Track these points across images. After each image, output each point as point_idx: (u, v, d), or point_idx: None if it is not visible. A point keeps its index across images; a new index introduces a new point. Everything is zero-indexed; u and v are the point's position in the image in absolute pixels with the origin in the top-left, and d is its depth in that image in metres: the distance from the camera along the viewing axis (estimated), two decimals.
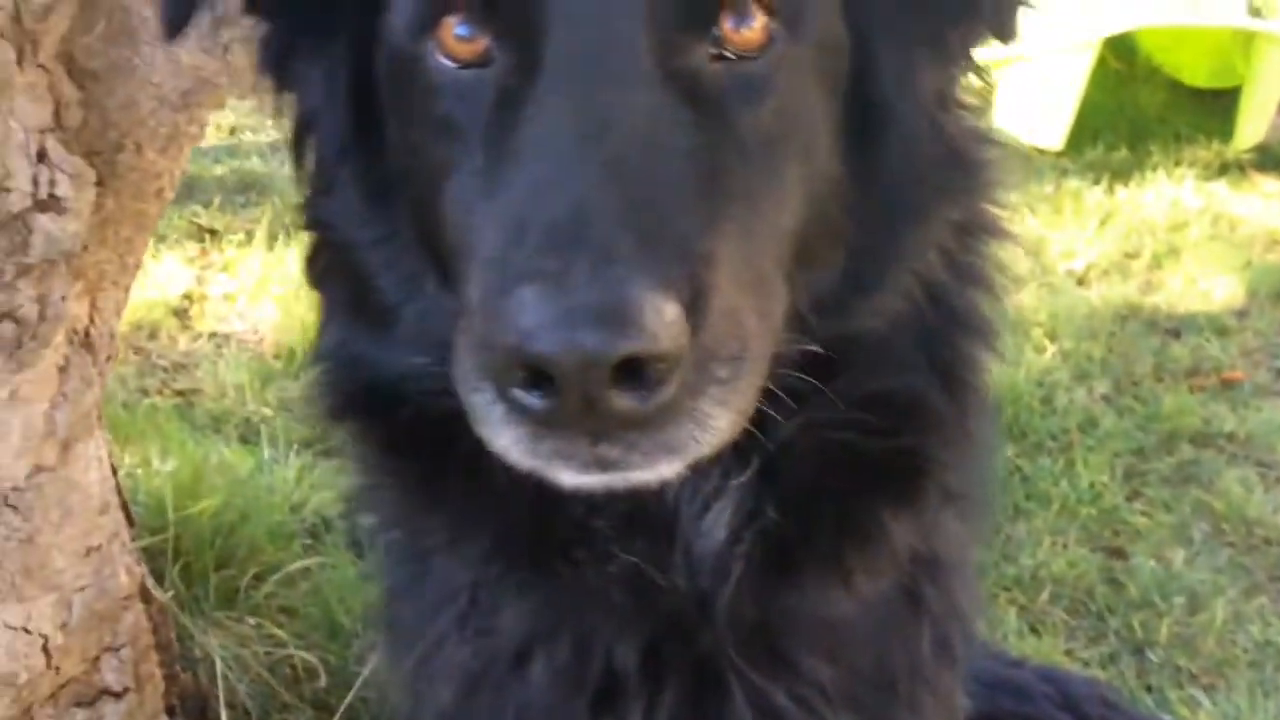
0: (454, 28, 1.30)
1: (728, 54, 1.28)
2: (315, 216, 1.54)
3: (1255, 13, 6.23)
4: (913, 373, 1.46)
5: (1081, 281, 4.87)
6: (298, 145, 1.54)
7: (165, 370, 4.20)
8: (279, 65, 1.51)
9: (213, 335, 4.42)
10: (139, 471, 3.28)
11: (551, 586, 1.45)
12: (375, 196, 1.46)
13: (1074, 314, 4.53)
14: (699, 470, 1.34)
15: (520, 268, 1.10)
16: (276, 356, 4.23)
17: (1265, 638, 3.10)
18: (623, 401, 1.06)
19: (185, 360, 4.27)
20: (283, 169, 5.65)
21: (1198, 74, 5.90)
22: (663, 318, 1.05)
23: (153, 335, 4.37)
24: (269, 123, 5.95)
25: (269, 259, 4.80)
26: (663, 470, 1.19)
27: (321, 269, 1.55)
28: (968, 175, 1.48)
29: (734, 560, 1.46)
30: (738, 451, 1.39)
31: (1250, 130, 5.50)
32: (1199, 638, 3.10)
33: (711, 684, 1.54)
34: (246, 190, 5.45)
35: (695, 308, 1.10)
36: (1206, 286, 4.79)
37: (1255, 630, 3.12)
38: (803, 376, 1.36)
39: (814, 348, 1.37)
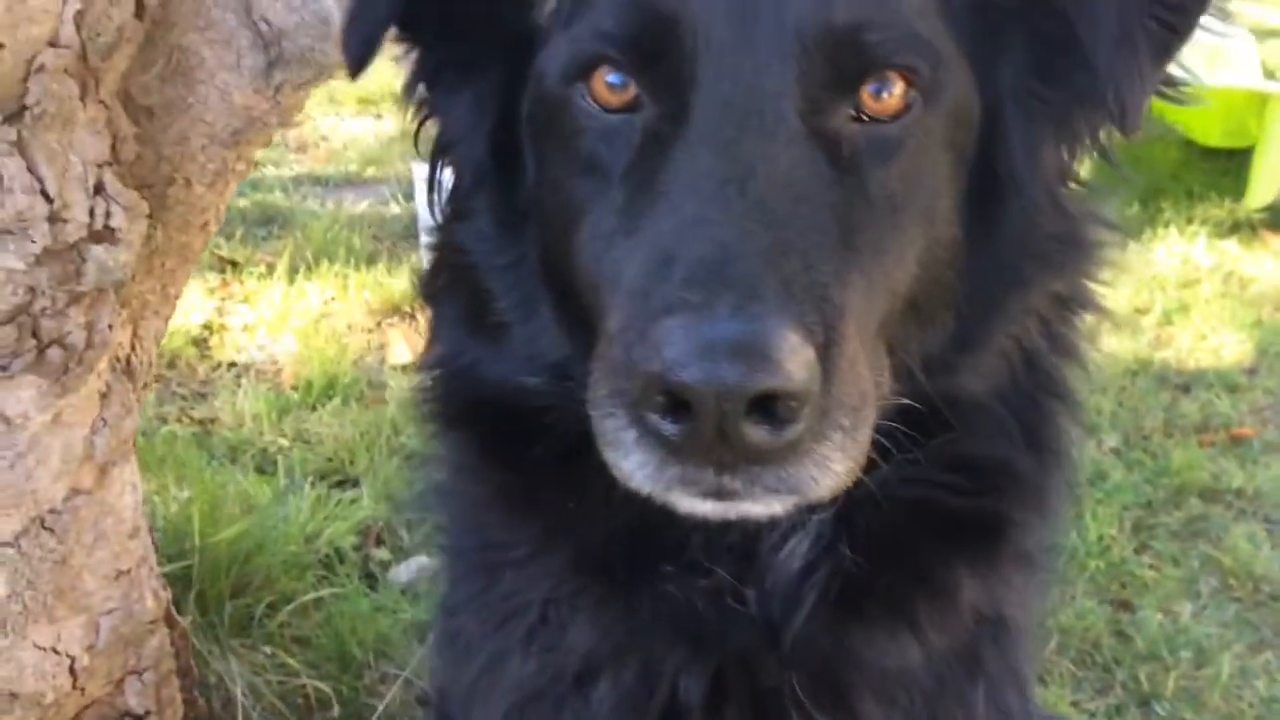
0: (606, 76, 1.36)
1: (866, 117, 1.34)
2: (448, 239, 1.61)
3: (1269, 74, 6.29)
4: (1004, 439, 1.50)
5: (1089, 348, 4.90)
6: (432, 169, 1.62)
7: (184, 399, 4.23)
8: (426, 91, 1.58)
9: (231, 365, 4.46)
10: (156, 499, 3.32)
11: (629, 605, 1.48)
12: (507, 224, 1.53)
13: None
14: None
15: (665, 300, 1.15)
16: (294, 388, 4.27)
17: (1271, 693, 3.12)
18: (755, 434, 1.11)
19: (204, 389, 4.31)
20: (304, 203, 5.71)
21: (1211, 134, 5.95)
22: (800, 358, 1.10)
23: (172, 364, 4.41)
24: (292, 157, 6.02)
25: (289, 291, 4.86)
26: (775, 506, 1.24)
27: (441, 286, 1.63)
28: (1079, 252, 1.53)
29: (807, 591, 1.49)
30: None
31: (1262, 190, 5.54)
32: (1205, 691, 3.11)
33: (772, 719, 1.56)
34: (269, 223, 5.50)
35: (827, 353, 1.15)
36: (1216, 343, 4.82)
37: (1261, 685, 3.14)
38: (900, 430, 1.40)
39: (916, 404, 1.41)
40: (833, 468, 1.18)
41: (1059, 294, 1.52)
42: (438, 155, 1.60)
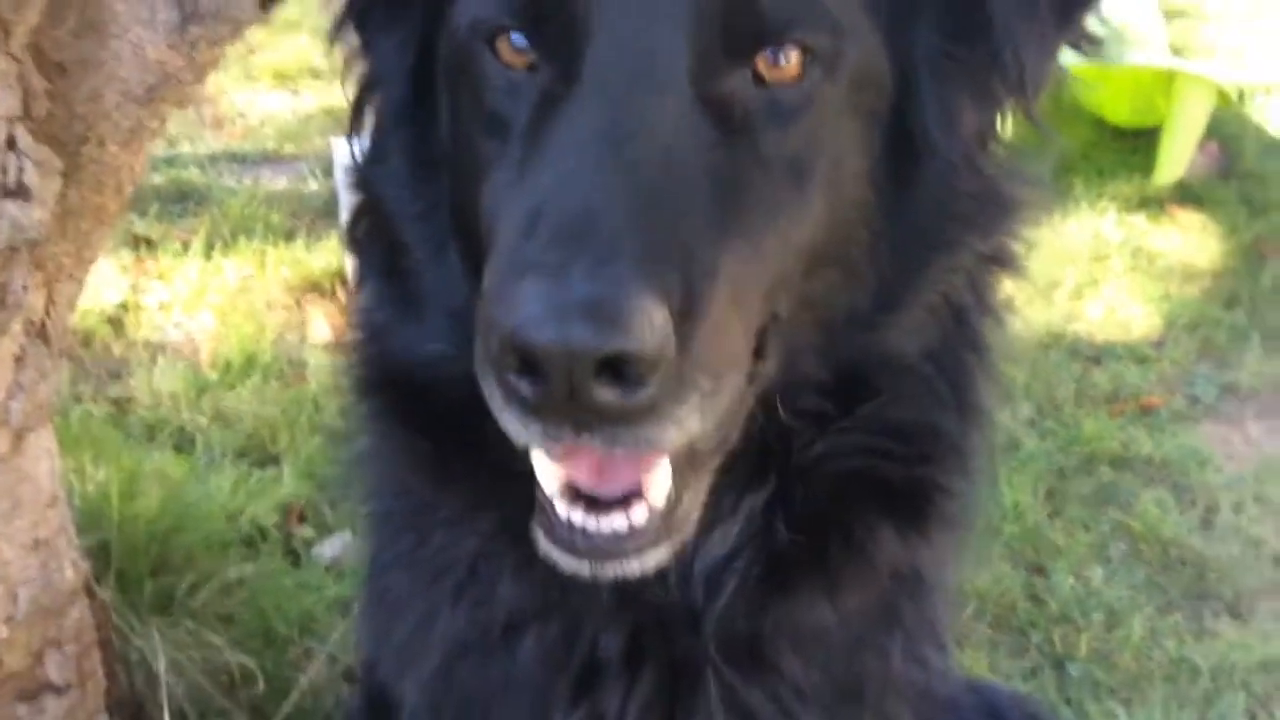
0: (509, 37, 1.37)
1: (762, 81, 1.34)
2: (366, 180, 1.61)
3: (1177, 53, 6.41)
4: (934, 402, 1.53)
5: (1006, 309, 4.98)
6: (357, 109, 1.62)
7: (98, 378, 4.16)
8: (356, 33, 1.59)
9: (147, 344, 4.38)
10: (72, 477, 3.26)
11: (549, 570, 1.49)
12: (422, 169, 1.54)
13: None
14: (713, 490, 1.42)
15: (526, 259, 1.16)
16: (212, 366, 4.21)
17: (1180, 654, 3.20)
18: (605, 395, 1.12)
19: (119, 369, 4.24)
20: (220, 180, 5.62)
21: (1121, 112, 6.04)
22: (650, 321, 1.10)
23: (86, 343, 4.32)
24: (208, 134, 5.91)
25: (206, 268, 4.78)
26: (650, 562, 1.34)
27: (363, 232, 1.63)
28: (1000, 211, 1.55)
29: (729, 576, 1.53)
30: (755, 471, 1.46)
31: (1170, 167, 5.64)
32: (1117, 652, 3.20)
33: (688, 677, 1.60)
34: (184, 200, 5.40)
35: (686, 317, 1.15)
36: (1126, 316, 4.91)
37: (1170, 646, 3.23)
38: (829, 402, 1.45)
39: (847, 367, 1.45)
40: (689, 427, 1.20)
41: (982, 252, 1.55)
42: (362, 93, 1.61)
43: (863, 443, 1.50)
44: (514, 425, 1.20)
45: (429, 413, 1.56)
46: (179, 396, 3.97)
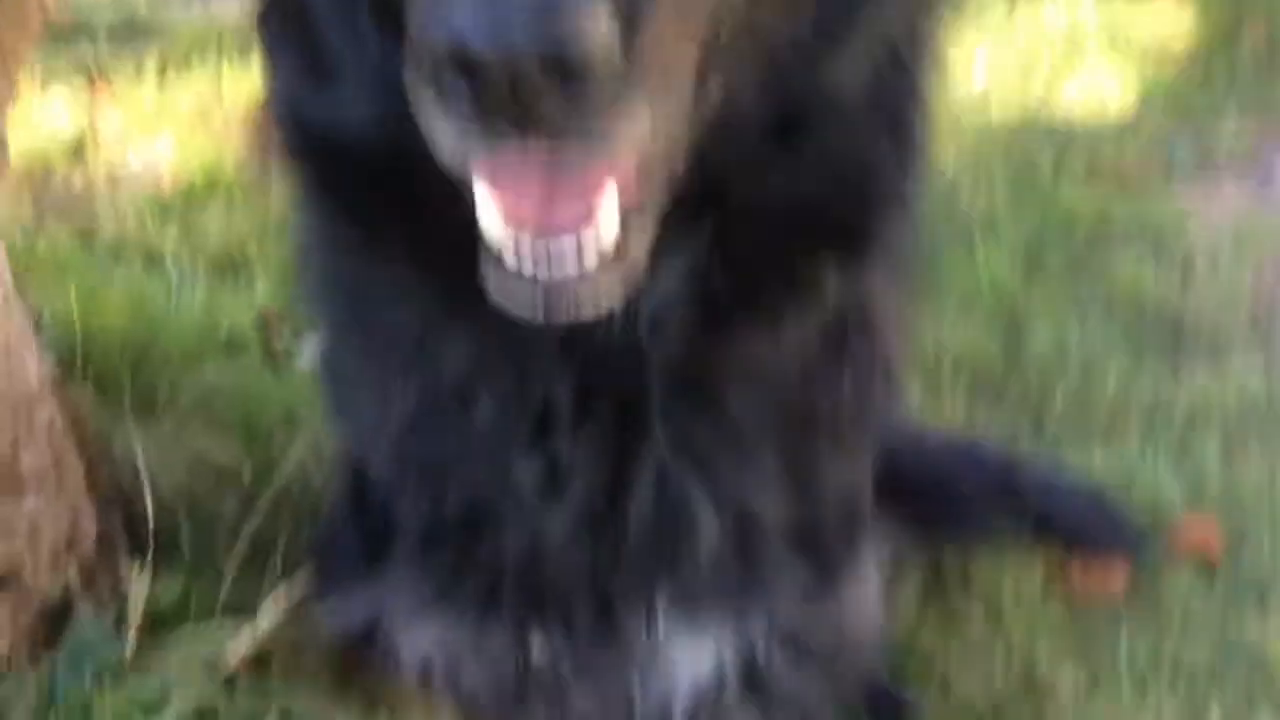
0: None
1: None
2: None
3: None
4: (873, 144, 1.50)
5: (984, 93, 4.94)
6: None
7: (61, 209, 4.11)
8: None
9: (109, 176, 4.32)
10: (44, 305, 3.23)
11: (495, 330, 1.46)
12: None
13: (974, 122, 4.61)
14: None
15: None
16: (175, 190, 4.16)
17: (1156, 397, 3.26)
18: (550, 92, 1.07)
19: (82, 200, 4.18)
20: (169, 13, 5.49)
21: None
22: (596, 25, 1.06)
23: (45, 177, 4.27)
24: None
25: (161, 96, 4.70)
26: (604, 302, 1.27)
27: (275, 27, 1.53)
28: None
29: (672, 315, 1.51)
30: (696, 212, 1.44)
31: None
32: (1093, 400, 3.25)
33: (636, 419, 1.61)
34: (134, 35, 5.28)
35: (630, 24, 1.11)
36: (1104, 96, 4.88)
37: (1147, 390, 3.28)
38: (767, 143, 1.42)
39: (790, 101, 1.42)
40: (637, 129, 1.16)
41: None
42: None
43: (801, 182, 1.49)
44: (452, 138, 1.14)
45: (354, 184, 1.52)
46: (144, 214, 3.93)
